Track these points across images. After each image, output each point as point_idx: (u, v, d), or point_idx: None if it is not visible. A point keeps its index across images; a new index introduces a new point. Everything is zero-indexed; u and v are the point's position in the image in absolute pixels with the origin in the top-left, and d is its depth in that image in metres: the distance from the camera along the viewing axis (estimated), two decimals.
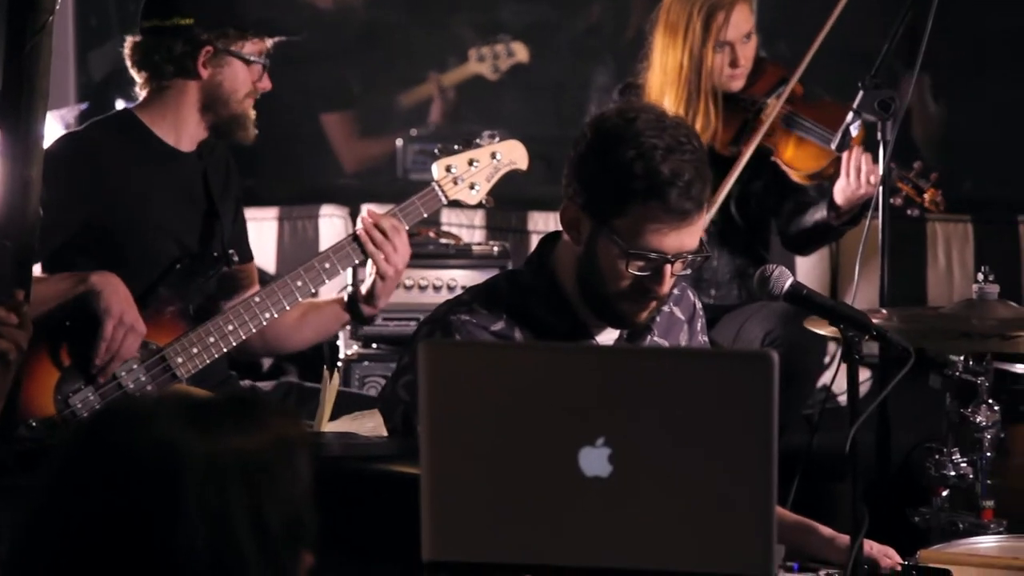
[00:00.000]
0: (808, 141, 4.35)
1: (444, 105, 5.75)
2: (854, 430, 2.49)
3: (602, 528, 2.01)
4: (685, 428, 2.00)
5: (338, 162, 5.86)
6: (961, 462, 3.48)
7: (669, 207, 2.63)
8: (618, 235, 2.65)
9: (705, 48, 4.31)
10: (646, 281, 2.68)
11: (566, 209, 2.72)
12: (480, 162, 3.80)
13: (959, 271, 5.20)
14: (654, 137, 2.64)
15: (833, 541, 2.76)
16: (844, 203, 4.28)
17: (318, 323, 3.81)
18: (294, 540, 1.67)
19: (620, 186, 2.63)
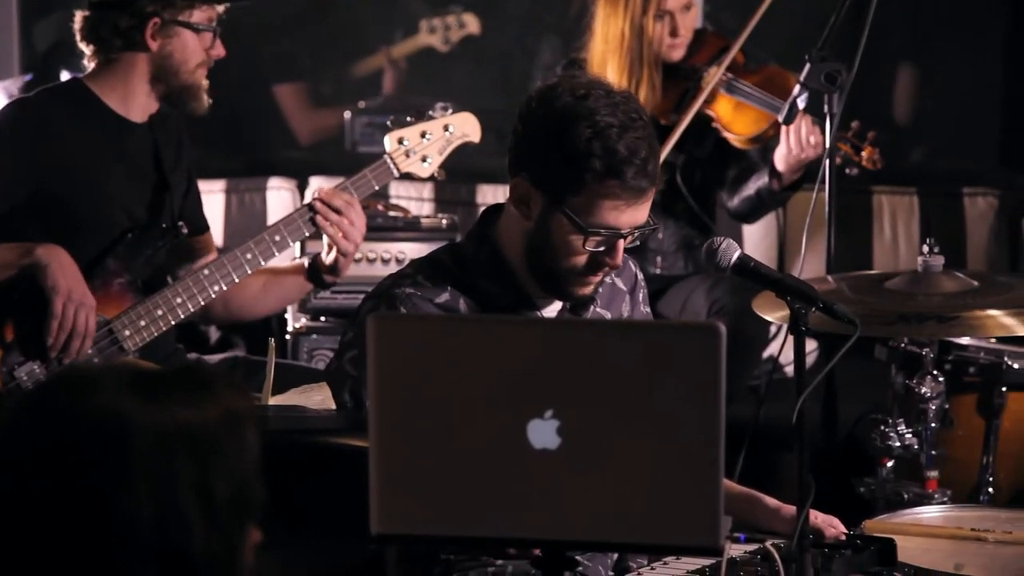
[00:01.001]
0: (747, 106, 4.38)
1: (394, 77, 5.74)
2: (801, 401, 2.50)
3: (550, 500, 2.02)
4: (633, 400, 2.01)
5: (286, 134, 5.83)
6: (906, 433, 3.52)
7: (626, 185, 2.65)
8: (573, 212, 2.66)
9: (646, 17, 4.34)
10: (599, 256, 2.70)
11: (516, 186, 2.72)
12: (432, 135, 3.79)
13: (904, 242, 5.23)
14: (608, 115, 2.65)
15: (779, 511, 2.78)
16: (785, 168, 4.30)
17: (280, 292, 3.81)
18: (241, 513, 1.67)
19: (576, 165, 2.64)
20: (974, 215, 5.26)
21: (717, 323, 1.99)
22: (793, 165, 4.28)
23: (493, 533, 2.06)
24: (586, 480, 2.01)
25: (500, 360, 2.03)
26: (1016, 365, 3.66)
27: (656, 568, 2.60)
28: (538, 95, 2.73)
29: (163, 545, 1.61)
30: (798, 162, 4.26)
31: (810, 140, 4.18)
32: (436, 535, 2.07)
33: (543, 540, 2.07)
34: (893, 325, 3.40)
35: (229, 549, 1.65)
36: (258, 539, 1.70)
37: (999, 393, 3.64)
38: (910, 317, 3.41)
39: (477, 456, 2.03)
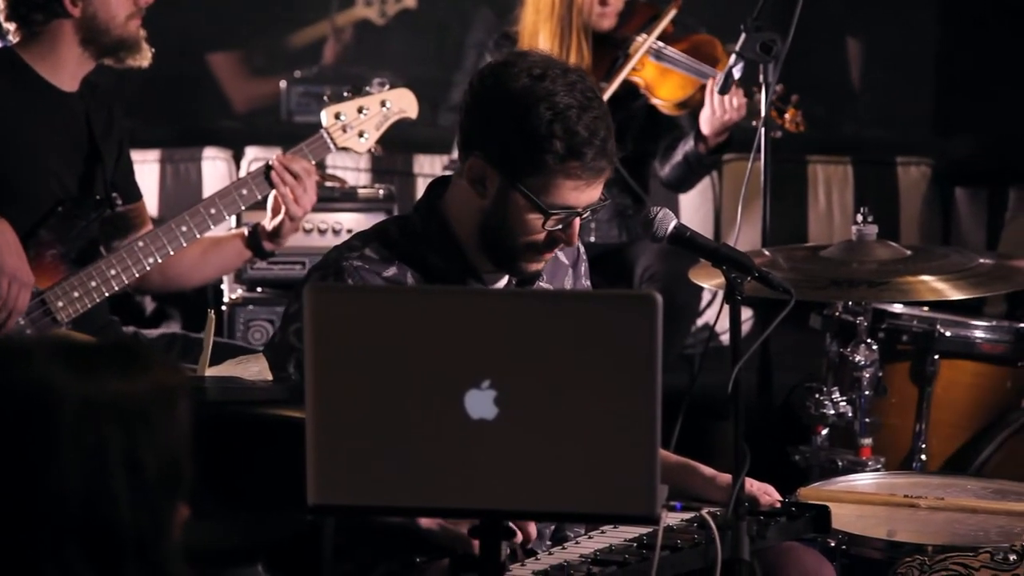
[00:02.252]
0: (673, 71, 4.39)
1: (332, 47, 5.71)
2: (736, 370, 2.52)
3: (488, 470, 2.02)
4: (570, 370, 2.01)
5: (222, 104, 5.79)
6: (840, 401, 3.54)
7: (587, 166, 2.66)
8: (533, 192, 2.67)
9: None
10: (556, 233, 2.72)
11: (472, 165, 2.72)
12: (370, 110, 3.77)
13: (839, 211, 5.27)
14: (567, 96, 2.66)
15: (714, 480, 2.80)
16: (710, 131, 4.32)
17: (219, 260, 3.79)
18: (170, 487, 1.66)
19: (538, 147, 2.65)
20: (908, 184, 5.30)
21: (653, 292, 2.00)
22: (717, 128, 4.30)
23: (430, 503, 2.06)
24: (523, 450, 2.01)
25: (437, 330, 2.03)
26: (948, 333, 3.69)
27: (593, 537, 2.61)
28: (491, 74, 2.72)
29: (90, 519, 1.61)
30: (722, 125, 4.28)
31: (733, 103, 4.21)
32: (373, 506, 2.08)
33: (480, 510, 2.08)
34: (826, 290, 3.43)
35: (157, 524, 1.65)
36: (187, 515, 1.69)
37: (931, 361, 3.68)
38: (842, 282, 3.44)
39: (414, 426, 2.03)
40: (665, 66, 4.40)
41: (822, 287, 3.44)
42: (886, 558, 2.79)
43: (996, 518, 2.91)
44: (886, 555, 2.80)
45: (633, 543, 2.54)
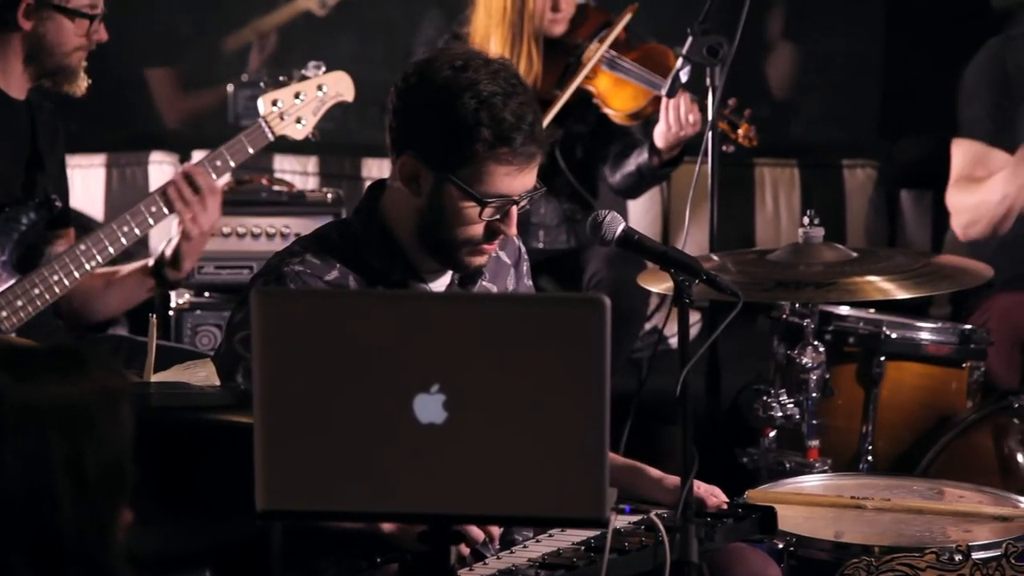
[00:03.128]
0: (627, 82, 4.40)
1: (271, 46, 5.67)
2: (684, 373, 2.52)
3: (437, 474, 2.02)
4: (518, 373, 2.01)
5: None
6: (788, 403, 3.56)
7: (516, 151, 2.66)
8: (466, 183, 2.67)
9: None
10: (494, 224, 2.71)
11: (404, 164, 2.72)
12: (306, 95, 3.74)
13: (786, 214, 5.29)
14: (490, 83, 2.66)
15: (663, 482, 2.81)
16: (664, 145, 4.33)
17: (122, 292, 3.67)
18: (113, 491, 1.65)
19: (466, 136, 2.65)
20: (854, 186, 5.33)
21: (601, 295, 2.01)
22: (672, 142, 4.31)
23: (379, 508, 2.06)
24: (472, 454, 2.02)
25: (386, 334, 2.03)
26: (894, 335, 3.72)
27: (542, 541, 2.62)
28: (415, 70, 2.73)
29: (32, 523, 1.60)
30: (677, 139, 4.30)
31: (689, 119, 4.22)
32: (322, 511, 2.07)
33: (429, 514, 2.07)
34: (772, 291, 3.45)
35: (99, 528, 1.64)
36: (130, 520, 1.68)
37: (878, 363, 3.70)
38: (789, 283, 3.46)
39: (363, 431, 2.02)
40: (618, 76, 4.41)
41: (769, 289, 3.46)
42: (833, 559, 2.80)
43: (941, 519, 2.93)
44: (833, 556, 2.81)
45: (581, 546, 2.55)
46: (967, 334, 3.75)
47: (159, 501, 2.23)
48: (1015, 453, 3.56)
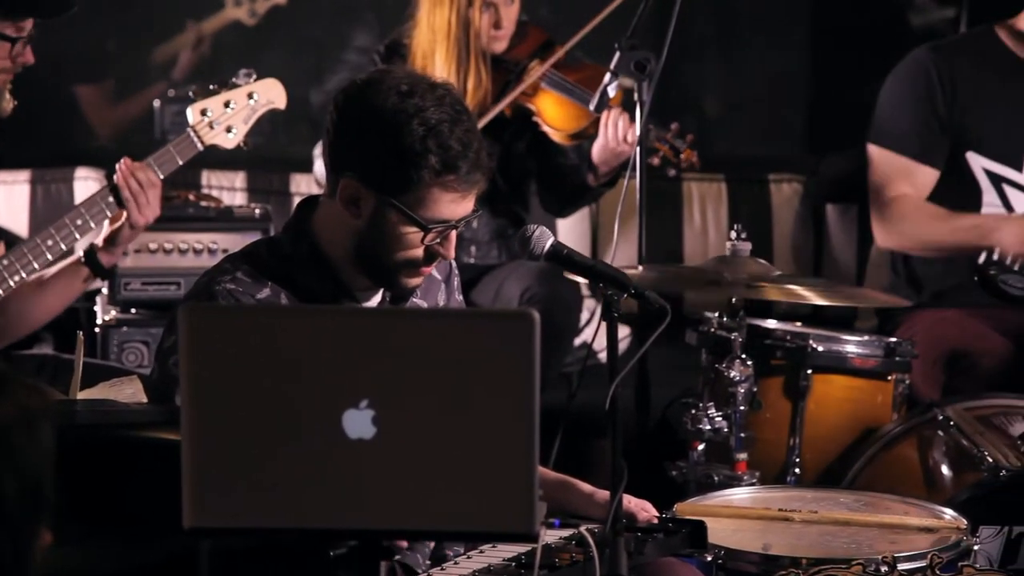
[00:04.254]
0: (568, 101, 4.42)
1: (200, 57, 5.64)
2: (613, 387, 2.53)
3: (367, 490, 2.02)
4: (448, 389, 2.01)
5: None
6: (716, 416, 3.58)
7: (462, 179, 2.67)
8: (409, 208, 2.67)
9: (472, 8, 4.36)
10: (434, 248, 2.72)
11: (346, 186, 2.71)
12: (237, 103, 3.69)
13: (714, 228, 5.32)
14: (437, 111, 2.66)
15: (593, 497, 2.81)
16: (602, 163, 4.35)
17: (59, 288, 3.61)
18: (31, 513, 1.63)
19: (412, 164, 2.65)
20: (780, 201, 5.37)
21: (531, 310, 2.01)
22: (609, 160, 4.33)
23: (308, 524, 2.05)
24: (402, 469, 2.01)
25: (315, 350, 2.02)
26: (821, 348, 3.74)
27: (472, 556, 2.61)
28: (358, 92, 2.72)
29: None
30: (614, 157, 4.31)
31: (627, 137, 4.24)
32: (251, 527, 2.06)
33: (359, 530, 2.07)
34: (702, 288, 3.47)
35: (16, 549, 1.62)
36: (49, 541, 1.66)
37: (805, 376, 3.72)
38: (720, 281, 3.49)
39: (292, 447, 2.02)
40: (558, 94, 4.42)
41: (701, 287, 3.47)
42: (761, 571, 2.82)
43: (868, 530, 2.95)
44: (761, 569, 2.83)
45: (512, 562, 2.55)
46: (892, 347, 3.79)
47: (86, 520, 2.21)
48: (939, 465, 3.59)
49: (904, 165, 4.27)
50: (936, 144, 4.26)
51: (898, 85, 4.32)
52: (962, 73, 4.27)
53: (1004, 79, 4.27)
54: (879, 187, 4.30)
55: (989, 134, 4.26)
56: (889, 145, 4.30)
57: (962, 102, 4.25)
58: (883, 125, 4.33)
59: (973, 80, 4.26)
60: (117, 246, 3.57)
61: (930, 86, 4.27)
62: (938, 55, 4.31)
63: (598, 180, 4.41)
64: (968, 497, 3.26)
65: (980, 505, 3.23)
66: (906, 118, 4.28)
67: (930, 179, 4.26)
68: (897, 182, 4.26)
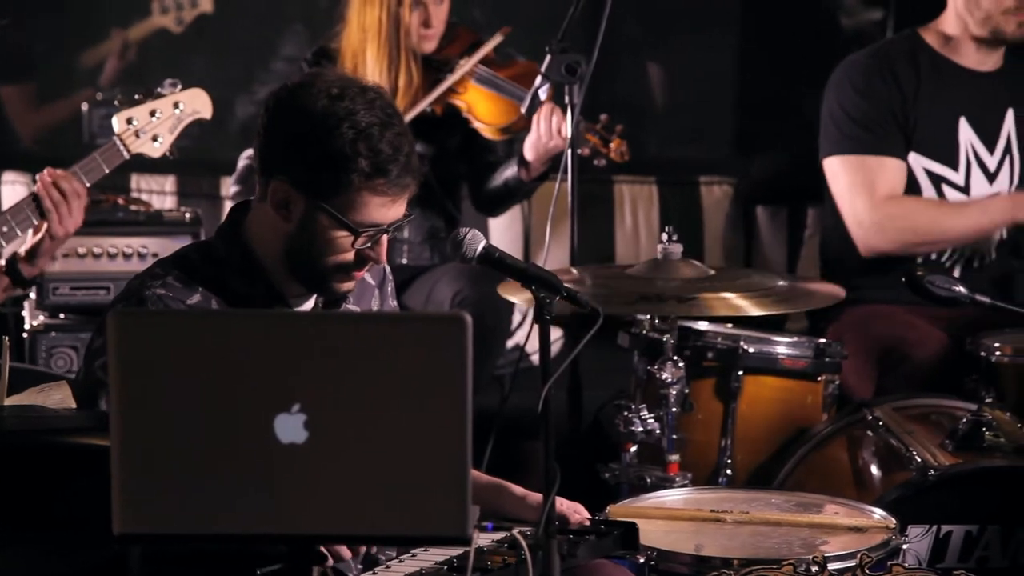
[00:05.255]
0: (498, 97, 4.42)
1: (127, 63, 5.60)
2: (546, 389, 2.53)
3: (299, 495, 2.01)
4: (380, 392, 2.01)
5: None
6: (648, 418, 3.59)
7: (392, 182, 2.67)
8: (340, 212, 2.66)
9: (402, 6, 4.36)
10: (365, 252, 2.71)
11: (276, 189, 2.70)
12: (163, 113, 3.70)
13: (645, 231, 5.34)
14: (367, 114, 2.65)
15: (525, 499, 2.82)
16: (534, 157, 4.35)
17: None
18: None
19: (342, 167, 2.64)
20: (711, 203, 5.40)
21: (462, 313, 2.01)
22: (541, 154, 4.33)
23: (240, 530, 2.04)
24: (334, 473, 2.01)
25: (245, 354, 2.01)
26: (751, 349, 3.76)
27: (404, 560, 2.61)
28: (289, 95, 2.71)
29: None
30: (546, 151, 4.32)
31: (559, 131, 4.24)
32: (182, 534, 2.05)
33: (291, 535, 2.06)
34: (634, 304, 3.47)
35: None
36: None
37: (736, 377, 3.74)
38: (651, 297, 3.49)
39: (223, 452, 2.01)
40: (489, 91, 4.43)
41: (631, 302, 3.48)
42: (694, 572, 2.83)
43: (799, 530, 2.97)
44: (694, 570, 2.84)
45: (444, 565, 2.54)
46: (822, 348, 3.81)
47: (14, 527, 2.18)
48: (869, 465, 3.62)
49: (876, 164, 4.27)
50: (896, 136, 4.27)
51: (842, 90, 4.33)
52: (901, 73, 4.30)
53: (935, 80, 4.32)
54: (860, 194, 4.27)
55: (927, 135, 4.30)
56: (850, 150, 4.28)
57: (904, 102, 4.29)
58: (837, 133, 4.31)
59: (911, 81, 4.30)
60: (39, 258, 3.55)
61: (875, 83, 4.29)
62: (874, 58, 4.34)
63: (530, 175, 4.41)
64: (897, 497, 3.28)
65: (909, 504, 3.26)
66: (863, 119, 4.28)
67: (902, 171, 4.26)
68: (878, 182, 4.25)
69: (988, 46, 4.32)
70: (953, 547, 3.31)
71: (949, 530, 3.30)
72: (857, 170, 4.27)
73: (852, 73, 4.33)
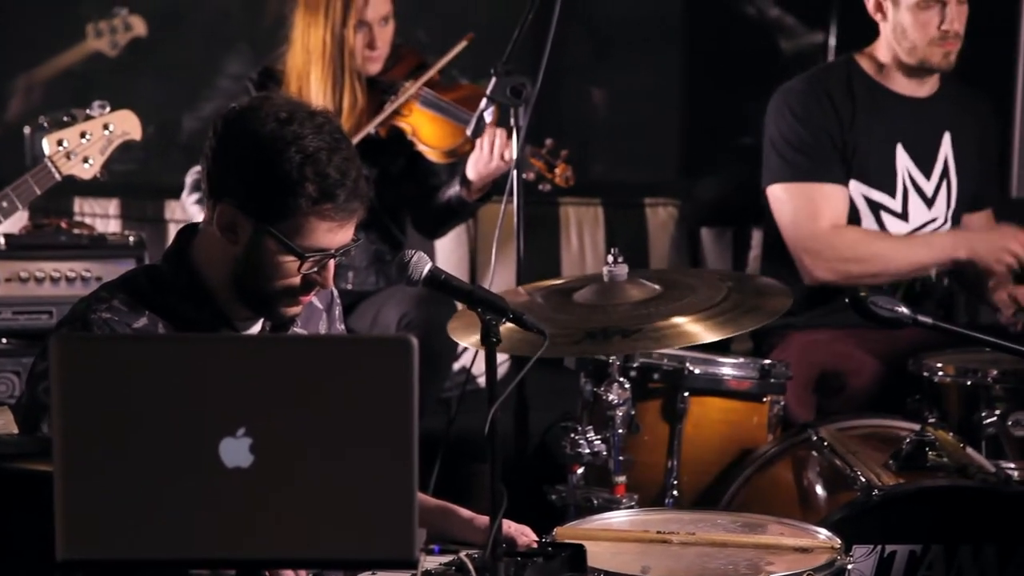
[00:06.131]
0: (443, 120, 4.43)
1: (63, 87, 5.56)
2: (492, 411, 2.53)
3: (244, 519, 2.00)
4: (326, 416, 2.01)
5: None
6: (595, 440, 3.59)
7: (339, 207, 2.66)
8: (286, 236, 2.65)
9: (346, 28, 4.36)
10: (311, 276, 2.70)
11: (223, 212, 2.69)
12: (92, 134, 3.71)
13: (591, 252, 5.35)
14: (315, 138, 2.65)
15: (472, 522, 2.81)
16: (477, 178, 4.36)
17: None
18: None
19: (289, 191, 2.64)
20: (656, 224, 5.42)
21: (408, 336, 2.01)
22: (484, 174, 4.34)
23: (185, 555, 2.03)
24: (280, 497, 2.00)
25: (191, 378, 2.00)
26: (697, 371, 3.77)
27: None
28: (237, 119, 2.70)
29: None
30: (489, 173, 4.32)
31: (504, 154, 4.25)
32: (126, 559, 2.03)
33: (237, 560, 2.05)
34: (580, 344, 3.45)
35: None
36: None
37: (682, 398, 3.75)
38: (596, 334, 3.47)
39: (168, 476, 1.99)
40: (433, 113, 4.43)
41: (577, 341, 3.45)
42: None
43: (744, 551, 2.98)
44: None
45: None
46: (767, 369, 3.82)
47: None
48: (814, 485, 3.63)
49: (816, 191, 4.29)
50: (836, 162, 4.30)
51: (781, 117, 4.35)
52: (837, 100, 4.33)
53: (871, 107, 4.35)
54: (801, 221, 4.30)
55: (864, 162, 4.32)
56: (791, 177, 4.30)
57: (842, 128, 4.31)
58: (778, 161, 4.34)
59: (845, 108, 4.33)
60: None
61: (817, 111, 4.32)
62: (810, 84, 4.37)
63: (472, 196, 4.42)
64: (842, 517, 3.30)
65: (853, 524, 3.27)
66: (802, 146, 4.30)
67: (843, 197, 4.29)
68: (818, 210, 4.27)
69: (917, 75, 4.35)
70: (897, 567, 3.32)
71: (893, 550, 3.32)
72: (800, 198, 4.29)
73: (790, 99, 4.36)
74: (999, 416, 3.77)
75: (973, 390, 3.82)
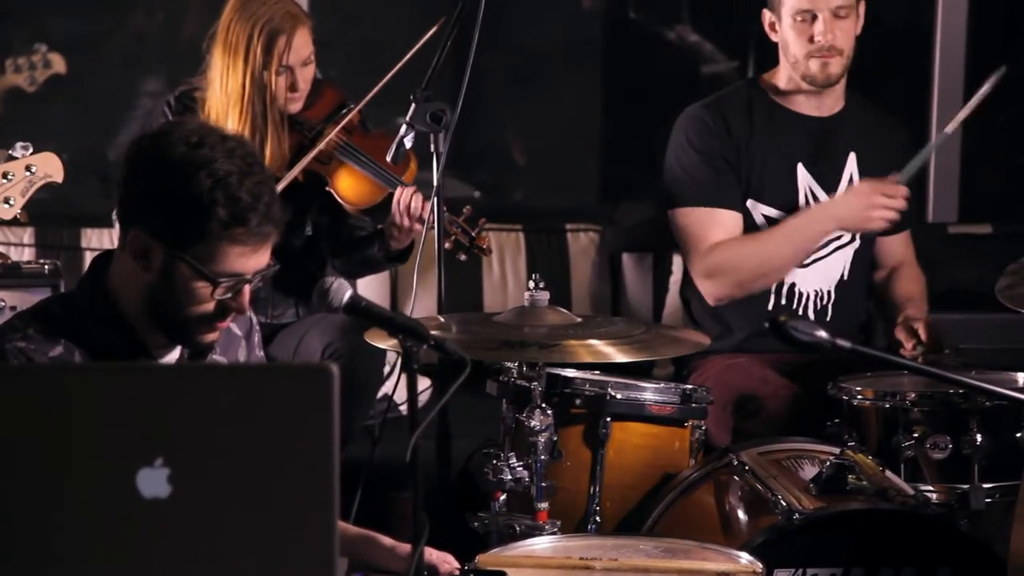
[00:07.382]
0: (361, 174, 4.39)
1: None
2: (414, 439, 2.52)
3: (163, 551, 1.98)
4: (245, 445, 1.99)
5: None
6: (517, 466, 3.58)
7: (252, 231, 2.64)
8: (198, 261, 2.63)
9: (267, 72, 4.28)
10: (226, 302, 2.68)
11: (135, 239, 2.66)
12: (15, 175, 3.69)
13: (512, 278, 5.35)
14: (226, 162, 2.63)
15: (394, 550, 2.80)
16: (393, 241, 4.33)
17: None
18: None
19: (200, 215, 2.62)
20: (577, 250, 5.43)
21: (329, 364, 1.99)
22: (401, 238, 4.31)
23: None
24: (199, 528, 1.98)
25: (105, 408, 1.98)
26: (619, 396, 3.77)
27: None
28: (148, 144, 2.68)
29: None
30: (406, 235, 4.30)
31: (420, 217, 4.23)
32: None
33: None
34: (497, 350, 3.47)
35: None
36: None
37: (604, 424, 3.75)
38: (514, 343, 3.49)
39: (84, 507, 1.97)
40: (353, 167, 4.39)
41: (494, 348, 3.48)
42: None
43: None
44: None
45: None
46: (688, 394, 3.84)
47: None
48: (736, 509, 3.64)
49: (707, 215, 4.34)
50: (730, 187, 4.34)
51: (677, 144, 4.43)
52: (735, 124, 4.38)
53: (770, 128, 4.40)
54: (692, 245, 4.35)
55: (764, 182, 4.37)
56: (686, 202, 4.37)
57: (738, 151, 4.37)
58: (676, 187, 4.40)
59: (745, 130, 4.38)
60: None
61: (711, 136, 4.37)
62: (709, 109, 4.42)
63: (388, 256, 4.38)
64: (763, 541, 3.31)
65: (775, 548, 3.28)
66: (695, 171, 4.36)
67: (735, 221, 4.34)
68: (707, 233, 4.33)
69: (814, 93, 4.41)
70: None
71: (815, 573, 3.33)
72: (693, 224, 4.36)
73: (686, 126, 4.43)
74: (917, 439, 3.80)
75: (892, 413, 3.85)
